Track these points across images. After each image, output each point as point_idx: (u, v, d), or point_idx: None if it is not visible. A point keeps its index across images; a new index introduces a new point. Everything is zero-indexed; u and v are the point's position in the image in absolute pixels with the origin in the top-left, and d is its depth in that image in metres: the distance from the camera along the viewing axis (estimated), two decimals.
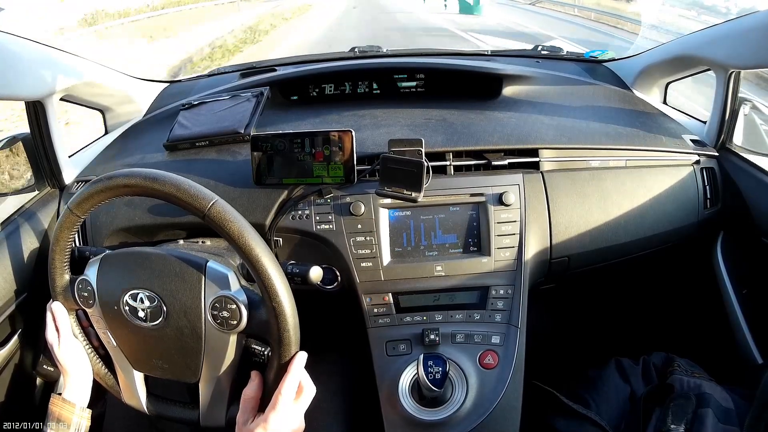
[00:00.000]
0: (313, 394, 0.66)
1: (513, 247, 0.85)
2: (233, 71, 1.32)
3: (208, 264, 0.64)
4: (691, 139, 0.99)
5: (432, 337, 0.81)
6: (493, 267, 0.84)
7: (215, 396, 0.67)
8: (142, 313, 0.64)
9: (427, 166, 0.80)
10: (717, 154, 0.98)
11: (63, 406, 0.68)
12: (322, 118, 1.04)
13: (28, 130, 0.97)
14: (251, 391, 0.64)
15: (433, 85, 1.17)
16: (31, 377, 0.97)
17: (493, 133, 0.92)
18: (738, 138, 1.00)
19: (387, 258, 0.85)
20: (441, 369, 0.75)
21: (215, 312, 0.63)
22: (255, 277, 0.60)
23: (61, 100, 1.01)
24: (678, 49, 1.05)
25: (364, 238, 0.84)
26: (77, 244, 0.90)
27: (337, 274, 0.86)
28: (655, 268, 1.12)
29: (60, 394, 0.69)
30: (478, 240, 0.86)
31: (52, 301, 0.71)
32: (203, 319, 0.63)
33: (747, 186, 0.95)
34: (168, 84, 1.33)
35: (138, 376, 0.70)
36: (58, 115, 0.96)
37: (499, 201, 0.85)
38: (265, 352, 0.69)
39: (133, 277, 0.65)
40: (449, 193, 0.86)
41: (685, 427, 0.73)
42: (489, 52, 1.39)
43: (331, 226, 0.85)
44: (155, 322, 0.64)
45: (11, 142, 0.99)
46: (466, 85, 1.14)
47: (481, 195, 0.86)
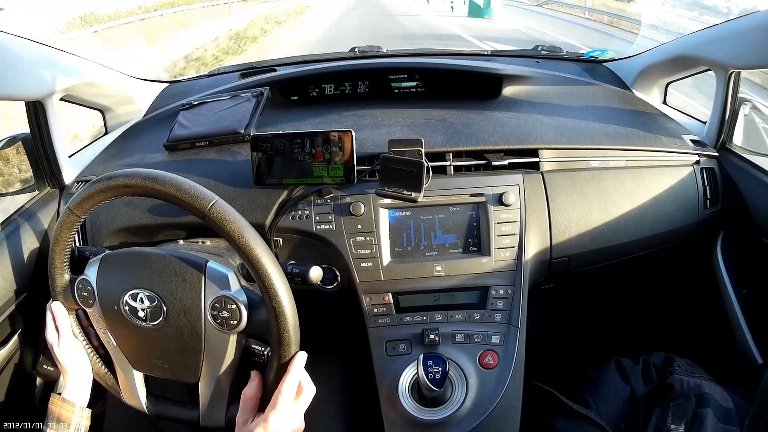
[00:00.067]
0: (313, 394, 0.66)
1: (513, 247, 0.85)
2: (233, 71, 1.32)
3: (208, 264, 0.64)
4: (691, 140, 0.99)
5: (432, 337, 0.81)
6: (493, 267, 0.84)
7: (215, 396, 0.67)
8: (142, 313, 0.64)
9: (427, 166, 0.80)
10: (717, 155, 0.98)
11: (63, 405, 0.68)
12: (322, 118, 1.04)
13: (27, 130, 0.97)
14: (251, 391, 0.64)
15: (433, 85, 1.17)
16: (31, 377, 0.96)
17: (493, 133, 0.92)
18: (738, 138, 1.00)
19: (387, 258, 0.85)
20: (441, 369, 0.75)
21: (215, 312, 0.63)
22: (255, 278, 0.60)
23: (61, 100, 1.01)
24: (678, 49, 1.05)
25: (364, 238, 0.84)
26: (77, 244, 0.90)
27: (337, 274, 0.86)
28: (655, 268, 1.12)
29: (60, 394, 0.69)
30: (478, 240, 0.86)
31: (52, 301, 0.71)
32: (203, 319, 0.63)
33: (747, 186, 0.95)
34: (168, 84, 1.33)
35: (138, 376, 0.70)
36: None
37: (499, 201, 0.85)
38: (265, 352, 0.69)
39: (133, 277, 0.65)
40: (449, 193, 0.86)
41: (685, 427, 0.73)
42: (489, 52, 1.39)
43: (331, 226, 0.85)
44: (155, 322, 0.64)
45: (11, 142, 0.99)
46: (466, 85, 1.14)
47: (481, 195, 0.86)
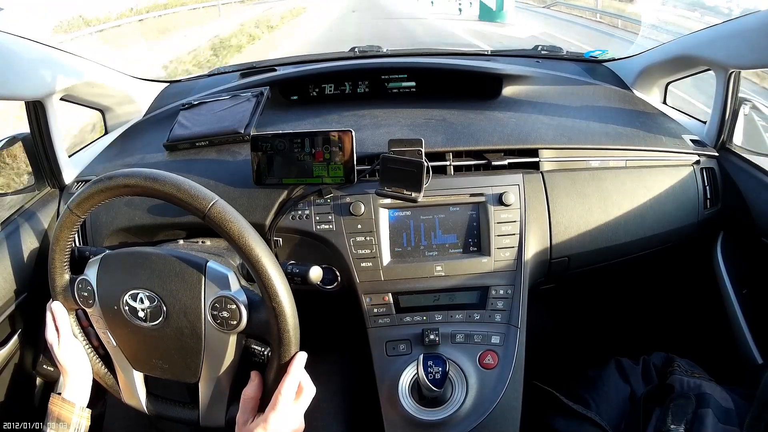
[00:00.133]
0: (313, 395, 0.66)
1: (513, 247, 0.85)
2: (233, 71, 1.32)
3: (208, 264, 0.64)
4: (691, 139, 0.99)
5: (432, 337, 0.81)
6: (493, 267, 0.84)
7: (215, 396, 0.67)
8: (141, 313, 0.64)
9: (427, 166, 0.80)
10: (717, 154, 0.98)
11: (63, 405, 0.68)
12: (322, 118, 1.04)
13: (27, 130, 0.97)
14: (251, 391, 0.64)
15: (433, 85, 1.17)
16: (31, 377, 0.96)
17: (493, 133, 0.92)
18: (738, 138, 1.00)
19: (387, 258, 0.85)
20: (441, 369, 0.75)
21: (215, 312, 0.63)
22: (255, 278, 0.60)
23: (61, 100, 1.01)
24: (678, 49, 1.05)
25: (364, 238, 0.84)
26: (77, 244, 0.90)
27: (337, 274, 0.86)
28: (655, 268, 1.12)
29: (60, 394, 0.69)
30: (478, 240, 0.86)
31: (52, 301, 0.71)
32: (203, 319, 0.63)
33: (747, 186, 0.95)
34: (168, 84, 1.33)
35: (138, 376, 0.70)
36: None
37: (499, 201, 0.85)
38: (265, 352, 0.69)
39: (133, 277, 0.65)
40: (449, 193, 0.86)
41: (685, 427, 0.73)
42: (489, 52, 1.39)
43: (331, 226, 0.85)
44: (155, 322, 0.64)
45: (11, 142, 0.99)
46: (466, 85, 1.14)
47: (481, 195, 0.86)
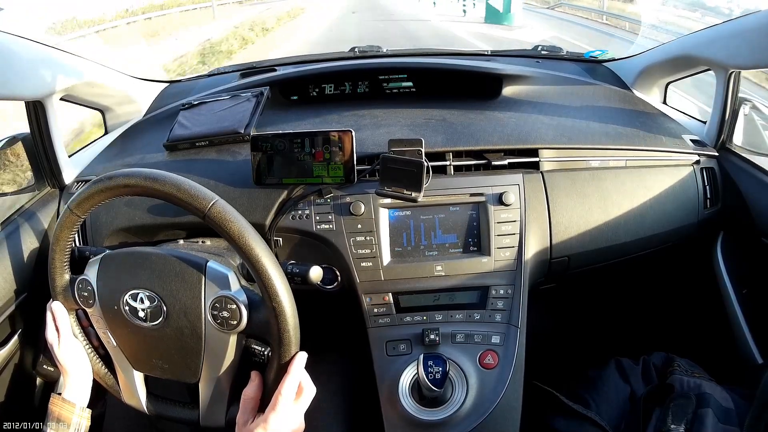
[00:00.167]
0: (313, 395, 0.66)
1: (513, 247, 0.85)
2: (233, 71, 1.32)
3: (208, 264, 0.64)
4: (691, 139, 0.99)
5: (432, 337, 0.81)
6: (493, 267, 0.84)
7: (215, 396, 0.67)
8: (142, 313, 0.64)
9: (427, 166, 0.80)
10: (717, 154, 0.98)
11: (63, 405, 0.68)
12: (322, 118, 1.04)
13: (27, 130, 0.97)
14: (251, 391, 0.64)
15: (433, 85, 1.17)
16: (31, 377, 0.96)
17: (493, 133, 0.92)
18: (738, 138, 1.00)
19: (387, 258, 0.85)
20: (441, 369, 0.75)
21: (215, 312, 0.63)
22: (255, 278, 0.60)
23: (61, 100, 1.01)
24: (678, 49, 1.05)
25: (364, 238, 0.84)
26: (77, 244, 0.90)
27: (337, 274, 0.86)
28: (655, 268, 1.12)
29: (60, 394, 0.69)
30: (478, 240, 0.86)
31: (52, 301, 0.71)
32: (203, 319, 0.63)
33: (747, 186, 0.95)
34: (168, 84, 1.33)
35: (138, 376, 0.70)
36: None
37: (499, 201, 0.85)
38: (265, 352, 0.69)
39: (133, 277, 0.65)
40: (449, 193, 0.86)
41: (685, 427, 0.73)
42: (489, 52, 1.39)
43: (331, 226, 0.85)
44: (155, 322, 0.64)
45: (11, 142, 0.99)
46: (466, 85, 1.14)
47: (481, 195, 0.86)
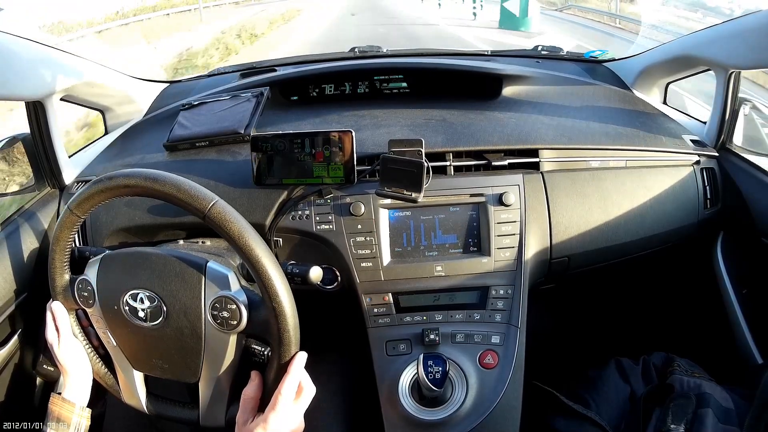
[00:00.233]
0: (313, 395, 0.66)
1: (513, 247, 0.85)
2: (233, 71, 1.32)
3: (208, 264, 0.64)
4: (691, 140, 0.99)
5: (432, 337, 0.81)
6: (493, 267, 0.84)
7: (215, 396, 0.67)
8: (142, 313, 0.64)
9: (427, 167, 0.80)
10: (717, 155, 0.98)
11: (63, 405, 0.68)
12: (322, 118, 1.04)
13: (27, 130, 0.97)
14: (251, 391, 0.64)
15: (433, 85, 1.17)
16: (31, 377, 0.96)
17: (493, 134, 0.92)
18: (738, 138, 1.00)
19: (387, 258, 0.85)
20: (441, 369, 0.75)
21: (215, 312, 0.63)
22: (255, 278, 0.60)
23: (61, 100, 1.01)
24: (678, 49, 1.05)
25: (364, 238, 0.84)
26: (77, 244, 0.90)
27: (337, 274, 0.86)
28: (655, 268, 1.12)
29: (60, 394, 0.69)
30: (478, 240, 0.86)
31: (52, 301, 0.71)
32: (203, 320, 0.63)
33: (747, 186, 0.95)
34: (168, 84, 1.33)
35: (138, 376, 0.70)
36: None
37: (499, 201, 0.85)
38: (265, 352, 0.69)
39: (133, 278, 0.65)
40: (449, 193, 0.86)
41: (685, 427, 0.73)
42: (489, 52, 1.39)
43: (331, 227, 0.85)
44: (155, 322, 0.64)
45: (11, 142, 0.99)
46: (466, 86, 1.14)
47: (481, 195, 0.86)
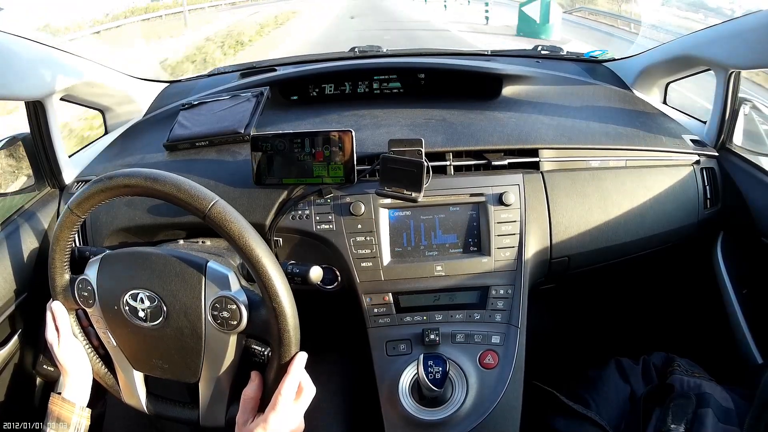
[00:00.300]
0: (313, 395, 0.66)
1: (513, 247, 0.85)
2: (233, 71, 1.32)
3: (209, 264, 0.64)
4: (691, 139, 0.99)
5: (432, 337, 0.81)
6: (493, 267, 0.84)
7: (215, 396, 0.67)
8: (142, 313, 0.64)
9: (427, 166, 0.80)
10: (717, 154, 0.98)
11: (63, 405, 0.68)
12: (322, 118, 1.04)
13: (27, 130, 0.97)
14: (251, 391, 0.64)
15: (433, 85, 1.17)
16: (31, 377, 0.96)
17: (493, 133, 0.92)
18: (738, 138, 1.00)
19: (387, 258, 0.85)
20: (441, 369, 0.75)
21: (215, 312, 0.63)
22: (255, 278, 0.60)
23: (61, 100, 1.01)
24: (678, 49, 1.05)
25: (364, 238, 0.84)
26: (77, 244, 0.90)
27: (337, 274, 0.86)
28: (655, 268, 1.12)
29: (60, 394, 0.69)
30: (478, 240, 0.86)
31: (52, 301, 0.71)
32: (203, 320, 0.63)
33: (747, 186, 0.95)
34: (168, 84, 1.33)
35: (138, 376, 0.70)
36: None
37: (499, 201, 0.85)
38: (265, 353, 0.69)
39: (133, 277, 0.65)
40: (449, 193, 0.86)
41: (685, 427, 0.73)
42: (489, 52, 1.39)
43: (331, 226, 0.85)
44: (155, 322, 0.64)
45: (11, 142, 0.99)
46: (466, 85, 1.14)
47: (481, 195, 0.86)
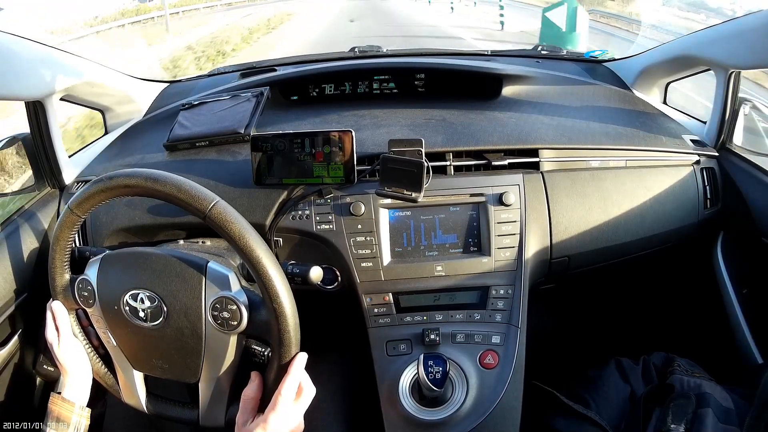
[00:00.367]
0: (313, 395, 0.66)
1: (513, 247, 0.85)
2: (233, 71, 1.32)
3: (209, 265, 0.64)
4: (691, 139, 0.99)
5: (432, 337, 0.81)
6: (493, 267, 0.84)
7: (215, 396, 0.67)
8: (142, 313, 0.64)
9: (427, 166, 0.80)
10: (717, 154, 0.98)
11: (62, 405, 0.68)
12: (322, 118, 1.04)
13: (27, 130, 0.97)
14: (251, 391, 0.64)
15: (433, 85, 1.17)
16: (31, 377, 0.96)
17: (493, 133, 0.92)
18: (738, 138, 1.00)
19: (387, 258, 0.85)
20: (441, 369, 0.75)
21: (216, 313, 0.63)
22: (256, 278, 0.60)
23: (61, 100, 1.01)
24: (678, 49, 1.05)
25: (364, 238, 0.84)
26: (77, 244, 0.90)
27: (337, 274, 0.86)
28: (655, 268, 1.12)
29: (59, 393, 0.69)
30: (478, 240, 0.86)
31: (52, 301, 0.71)
32: (203, 320, 0.63)
33: (747, 186, 0.95)
34: (168, 84, 1.33)
35: (138, 376, 0.70)
36: None
37: (499, 201, 0.85)
38: (265, 353, 0.69)
39: (133, 278, 0.65)
40: (449, 193, 0.86)
41: (685, 427, 0.73)
42: (489, 52, 1.39)
43: (331, 226, 0.85)
44: (155, 323, 0.64)
45: (11, 142, 0.99)
46: (466, 85, 1.14)
47: (481, 195, 0.86)
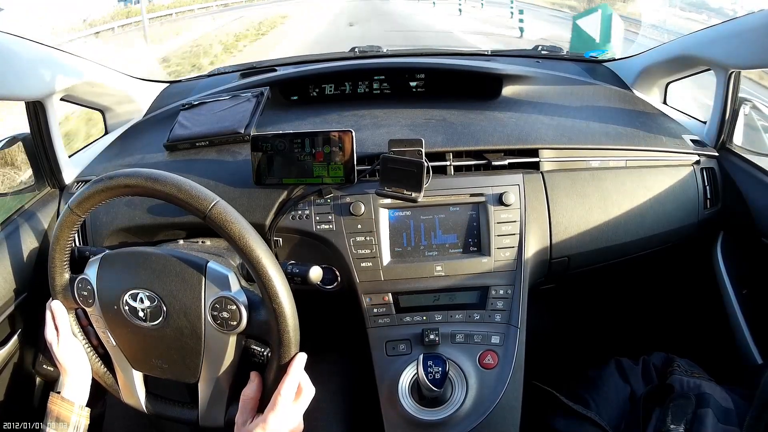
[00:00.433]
0: (313, 395, 0.66)
1: (513, 247, 0.85)
2: (233, 71, 1.32)
3: (209, 264, 0.64)
4: (691, 139, 0.99)
5: (432, 337, 0.81)
6: (493, 267, 0.84)
7: (214, 396, 0.67)
8: (141, 313, 0.64)
9: (427, 167, 0.80)
10: (717, 154, 0.98)
11: (62, 404, 0.68)
12: (322, 118, 1.04)
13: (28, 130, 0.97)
14: (250, 391, 0.64)
15: (434, 85, 1.17)
16: (31, 377, 0.96)
17: (493, 133, 0.92)
18: (738, 138, 1.00)
19: (387, 258, 0.85)
20: (441, 369, 0.75)
21: (215, 313, 0.63)
22: (255, 279, 0.60)
23: (62, 100, 1.01)
24: (678, 49, 1.05)
25: (364, 238, 0.84)
26: (77, 244, 0.90)
27: (337, 274, 0.86)
28: (655, 268, 1.12)
29: (59, 393, 0.69)
30: (478, 240, 0.86)
31: (52, 300, 0.71)
32: (203, 320, 0.63)
33: (747, 186, 0.95)
34: (168, 84, 1.33)
35: (137, 376, 0.70)
36: None
37: (499, 201, 0.85)
38: (265, 353, 0.69)
39: (133, 277, 0.65)
40: (449, 193, 0.86)
41: (685, 427, 0.73)
42: (489, 52, 1.39)
43: (331, 226, 0.85)
44: (155, 322, 0.64)
45: (11, 142, 0.99)
46: (466, 85, 1.14)
47: (481, 195, 0.86)
